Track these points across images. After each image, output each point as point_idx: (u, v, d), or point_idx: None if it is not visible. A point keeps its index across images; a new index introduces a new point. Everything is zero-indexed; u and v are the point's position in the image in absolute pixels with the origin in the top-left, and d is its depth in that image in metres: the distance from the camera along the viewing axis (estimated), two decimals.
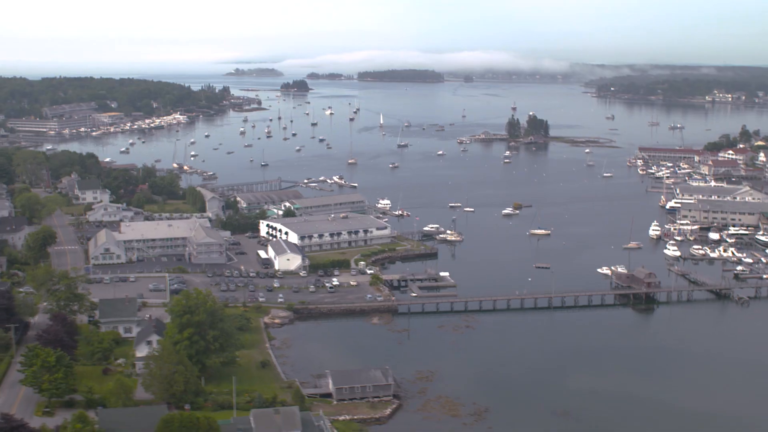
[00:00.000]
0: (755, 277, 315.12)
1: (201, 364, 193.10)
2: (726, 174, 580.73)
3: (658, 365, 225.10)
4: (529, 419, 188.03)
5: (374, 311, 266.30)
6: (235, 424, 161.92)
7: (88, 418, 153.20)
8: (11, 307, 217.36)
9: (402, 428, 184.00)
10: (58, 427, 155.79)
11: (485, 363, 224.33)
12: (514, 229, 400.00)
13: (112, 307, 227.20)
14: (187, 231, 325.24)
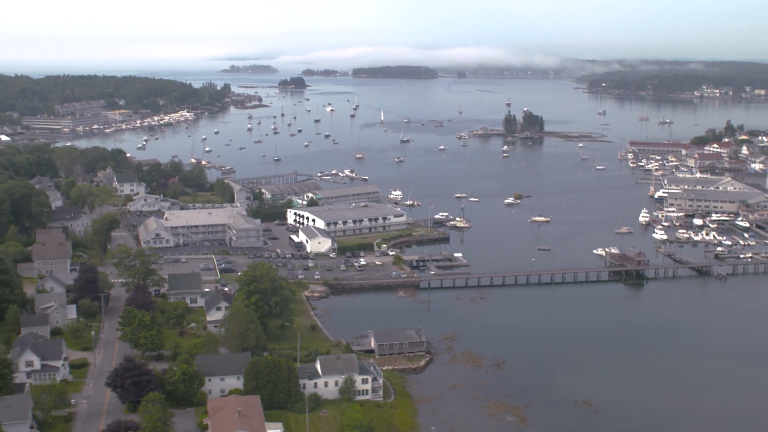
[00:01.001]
0: (733, 257, 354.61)
1: (264, 326, 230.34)
2: (711, 166, 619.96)
3: (647, 329, 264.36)
4: (539, 369, 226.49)
5: (399, 286, 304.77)
6: (305, 368, 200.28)
7: (192, 361, 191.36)
8: (95, 281, 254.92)
9: (435, 376, 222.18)
10: (164, 369, 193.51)
11: (499, 326, 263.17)
12: (516, 217, 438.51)
13: (179, 281, 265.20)
14: (226, 218, 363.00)
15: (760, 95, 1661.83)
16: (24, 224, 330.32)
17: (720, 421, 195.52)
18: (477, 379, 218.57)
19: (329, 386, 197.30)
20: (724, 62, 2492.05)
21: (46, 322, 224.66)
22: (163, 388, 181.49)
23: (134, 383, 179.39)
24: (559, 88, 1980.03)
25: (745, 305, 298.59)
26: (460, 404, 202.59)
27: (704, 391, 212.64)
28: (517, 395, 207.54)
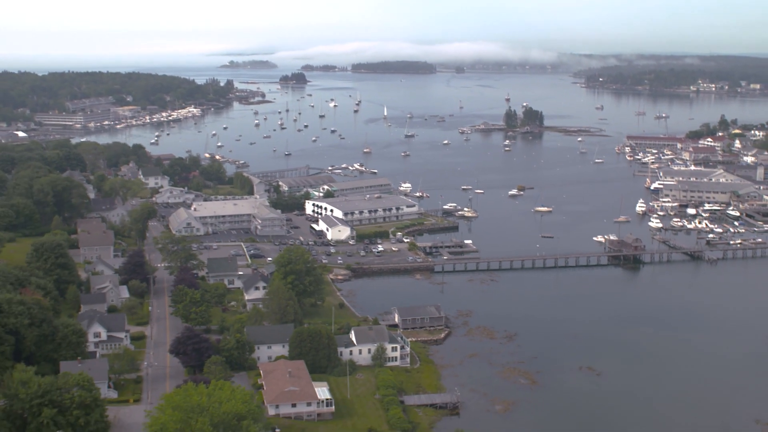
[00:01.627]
0: (723, 243, 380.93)
1: (299, 303, 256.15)
2: (705, 159, 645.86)
3: (643, 307, 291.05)
4: (546, 340, 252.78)
5: (415, 270, 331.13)
6: (341, 338, 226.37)
7: (243, 331, 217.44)
8: (143, 264, 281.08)
9: (454, 347, 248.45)
10: (218, 339, 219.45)
11: (509, 304, 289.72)
12: (520, 207, 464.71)
13: (217, 264, 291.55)
14: (251, 209, 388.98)
15: (755, 89, 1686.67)
16: (64, 215, 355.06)
17: (703, 381, 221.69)
18: (491, 349, 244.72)
19: (363, 354, 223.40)
20: (719, 56, 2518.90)
21: (104, 301, 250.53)
22: (218, 354, 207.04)
23: (195, 350, 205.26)
24: (556, 82, 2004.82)
25: (733, 286, 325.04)
26: (478, 369, 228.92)
27: (693, 358, 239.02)
28: (528, 362, 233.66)
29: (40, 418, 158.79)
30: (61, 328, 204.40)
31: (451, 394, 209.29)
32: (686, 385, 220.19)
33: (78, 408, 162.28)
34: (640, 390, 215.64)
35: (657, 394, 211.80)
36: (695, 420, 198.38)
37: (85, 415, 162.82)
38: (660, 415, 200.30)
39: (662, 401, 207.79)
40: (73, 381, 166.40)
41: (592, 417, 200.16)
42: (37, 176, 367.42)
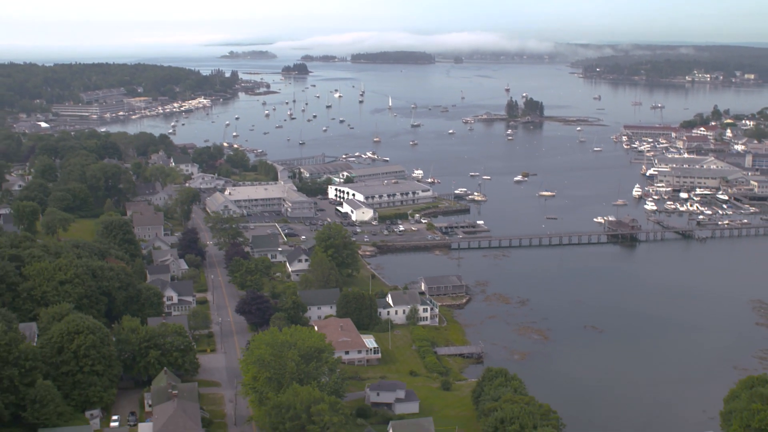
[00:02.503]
0: (712, 224, 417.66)
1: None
2: (698, 148, 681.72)
3: (638, 278, 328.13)
4: (555, 304, 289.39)
5: (434, 247, 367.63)
6: (379, 301, 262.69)
7: (297, 294, 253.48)
8: (196, 240, 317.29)
9: (474, 310, 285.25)
10: (276, 301, 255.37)
11: (520, 276, 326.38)
12: (526, 192, 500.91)
13: (261, 241, 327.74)
14: (281, 193, 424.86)
15: (750, 80, 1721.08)
16: (113, 198, 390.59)
17: (690, 335, 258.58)
18: (507, 312, 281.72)
19: (398, 314, 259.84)
20: (714, 46, 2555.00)
21: (167, 271, 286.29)
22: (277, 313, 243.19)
23: (258, 309, 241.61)
24: (554, 72, 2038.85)
25: (720, 261, 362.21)
26: (496, 328, 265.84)
27: (682, 318, 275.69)
28: (539, 322, 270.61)
29: (147, 358, 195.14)
30: (144, 291, 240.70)
31: (476, 346, 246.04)
32: (676, 338, 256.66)
33: (176, 351, 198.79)
34: (637, 342, 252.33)
35: (651, 346, 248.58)
36: (683, 362, 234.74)
37: (181, 356, 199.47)
38: (653, 360, 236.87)
39: (655, 350, 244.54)
40: (170, 329, 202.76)
41: (597, 363, 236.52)
42: (86, 163, 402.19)
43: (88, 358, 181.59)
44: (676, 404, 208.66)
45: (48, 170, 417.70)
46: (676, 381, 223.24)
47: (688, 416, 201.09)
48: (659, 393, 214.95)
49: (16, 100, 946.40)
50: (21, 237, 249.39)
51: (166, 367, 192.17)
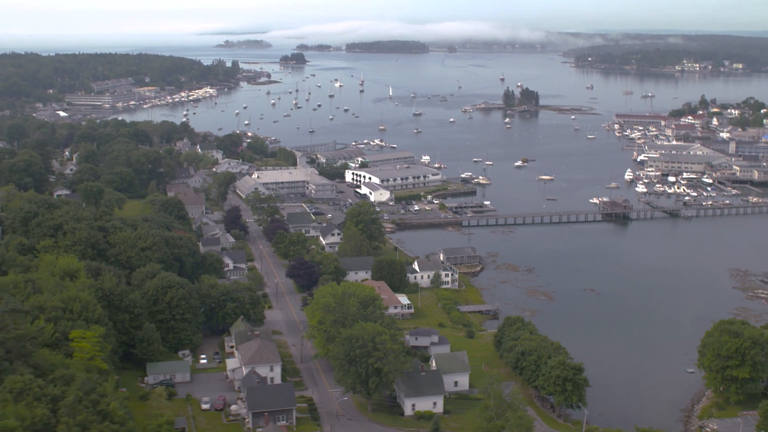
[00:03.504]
0: (697, 204, 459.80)
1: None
2: (685, 135, 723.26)
3: (630, 251, 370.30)
4: (558, 272, 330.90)
5: (447, 224, 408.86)
6: (407, 267, 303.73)
7: (338, 261, 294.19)
8: (239, 217, 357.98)
9: (488, 277, 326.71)
10: (320, 267, 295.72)
11: (526, 248, 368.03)
12: (526, 176, 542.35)
13: (296, 218, 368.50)
14: (304, 176, 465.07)
15: (738, 69, 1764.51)
16: (155, 181, 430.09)
17: (670, 290, 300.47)
18: (516, 278, 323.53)
19: (424, 278, 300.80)
20: (703, 35, 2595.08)
21: (218, 243, 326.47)
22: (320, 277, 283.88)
23: (306, 273, 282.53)
24: (546, 62, 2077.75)
25: (703, 237, 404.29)
26: (508, 291, 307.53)
27: (670, 282, 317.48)
28: (545, 286, 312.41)
29: (225, 309, 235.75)
30: (208, 257, 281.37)
31: (492, 304, 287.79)
32: (663, 298, 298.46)
33: (248, 303, 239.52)
34: (629, 302, 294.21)
35: (641, 305, 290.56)
36: (669, 318, 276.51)
37: (252, 308, 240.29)
38: (643, 316, 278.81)
39: (645, 309, 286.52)
40: (242, 286, 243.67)
41: (595, 318, 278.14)
42: (129, 150, 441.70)
43: (179, 308, 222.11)
44: (663, 348, 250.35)
45: (90, 156, 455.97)
46: (663, 331, 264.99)
47: (672, 358, 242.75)
48: (649, 340, 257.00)
49: (31, 90, 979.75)
50: (101, 212, 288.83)
51: (242, 316, 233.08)
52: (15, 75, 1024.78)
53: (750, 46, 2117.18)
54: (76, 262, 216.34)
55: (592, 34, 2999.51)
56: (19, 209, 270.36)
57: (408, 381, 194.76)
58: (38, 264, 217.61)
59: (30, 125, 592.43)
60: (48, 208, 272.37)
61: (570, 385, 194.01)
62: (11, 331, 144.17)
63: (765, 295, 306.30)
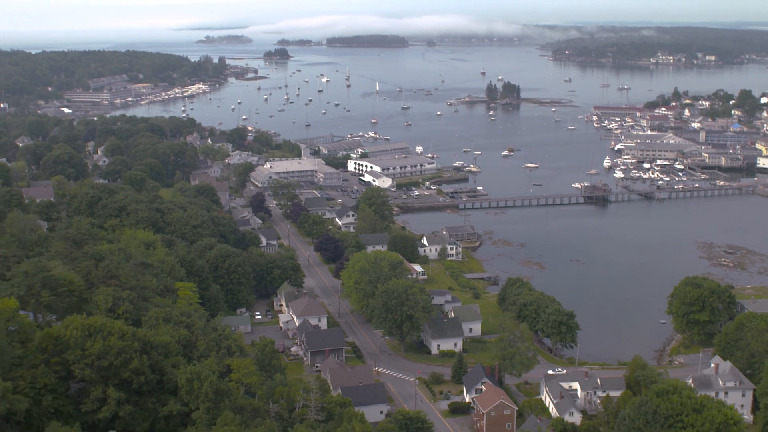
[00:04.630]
0: (669, 188, 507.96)
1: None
2: (659, 126, 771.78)
3: (609, 228, 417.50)
4: (547, 245, 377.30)
5: (445, 207, 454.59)
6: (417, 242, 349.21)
7: (359, 237, 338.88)
8: (263, 201, 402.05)
9: (486, 251, 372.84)
10: (341, 242, 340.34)
11: (517, 227, 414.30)
12: (513, 164, 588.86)
13: (313, 201, 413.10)
14: (312, 166, 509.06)
15: (711, 61, 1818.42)
16: (179, 171, 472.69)
17: (645, 260, 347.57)
18: (511, 252, 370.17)
19: (432, 251, 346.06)
20: (677, 27, 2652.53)
21: (248, 224, 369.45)
22: (344, 250, 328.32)
23: (332, 247, 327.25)
24: (525, 55, 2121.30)
25: (674, 216, 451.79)
26: (504, 262, 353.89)
27: (644, 253, 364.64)
28: (537, 257, 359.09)
29: (272, 274, 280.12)
30: (247, 234, 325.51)
31: (492, 273, 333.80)
32: (639, 266, 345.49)
33: (291, 270, 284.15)
34: (610, 269, 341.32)
35: (620, 272, 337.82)
36: (644, 281, 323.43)
37: (294, 274, 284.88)
38: (622, 279, 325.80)
39: (623, 274, 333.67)
40: (285, 255, 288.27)
41: (581, 283, 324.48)
42: (153, 143, 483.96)
43: (236, 273, 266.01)
44: (639, 305, 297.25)
45: (116, 149, 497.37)
46: (639, 292, 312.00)
47: (647, 312, 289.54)
48: (627, 299, 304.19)
49: (32, 88, 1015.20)
50: (152, 196, 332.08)
51: (288, 279, 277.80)
52: (16, 73, 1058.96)
53: (723, 38, 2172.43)
54: (152, 235, 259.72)
55: (568, 26, 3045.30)
56: (85, 194, 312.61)
57: (433, 326, 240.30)
58: (119, 237, 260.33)
59: (48, 122, 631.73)
60: (109, 193, 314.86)
61: (564, 328, 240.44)
62: (141, 279, 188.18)
63: (726, 262, 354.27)
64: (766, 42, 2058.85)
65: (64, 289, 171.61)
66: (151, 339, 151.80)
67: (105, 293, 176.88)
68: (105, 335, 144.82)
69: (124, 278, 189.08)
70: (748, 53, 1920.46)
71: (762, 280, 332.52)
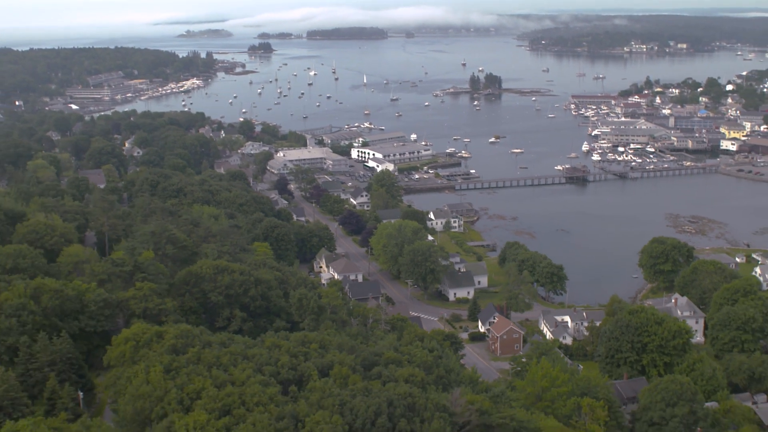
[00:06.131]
0: (641, 169, 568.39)
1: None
2: (632, 113, 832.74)
3: (588, 203, 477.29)
4: (536, 218, 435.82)
5: (443, 188, 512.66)
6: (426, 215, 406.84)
7: (376, 212, 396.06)
8: (286, 184, 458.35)
9: (483, 224, 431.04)
10: (361, 216, 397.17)
11: (508, 203, 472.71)
12: (500, 150, 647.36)
13: (329, 184, 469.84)
14: (320, 154, 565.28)
15: (682, 49, 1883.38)
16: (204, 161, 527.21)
17: (621, 229, 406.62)
18: (505, 224, 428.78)
19: (438, 224, 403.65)
20: (649, 16, 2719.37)
21: (276, 204, 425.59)
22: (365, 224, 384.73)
23: (354, 221, 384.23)
24: (502, 45, 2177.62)
25: (646, 193, 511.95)
26: (500, 232, 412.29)
27: (618, 225, 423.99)
28: (528, 228, 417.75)
29: (311, 242, 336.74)
30: (282, 211, 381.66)
31: (490, 241, 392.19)
32: (616, 233, 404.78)
33: (326, 238, 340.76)
34: (591, 237, 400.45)
35: (599, 239, 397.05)
36: (620, 244, 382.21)
37: (329, 242, 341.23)
38: (602, 244, 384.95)
39: (602, 241, 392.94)
40: (320, 226, 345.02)
41: (567, 248, 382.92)
42: (180, 135, 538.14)
43: (283, 240, 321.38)
44: (615, 263, 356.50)
45: (144, 141, 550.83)
46: (615, 253, 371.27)
47: (622, 266, 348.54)
48: (605, 259, 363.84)
49: (36, 86, 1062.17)
50: (200, 179, 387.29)
51: (325, 246, 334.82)
52: (19, 72, 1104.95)
53: (694, 26, 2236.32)
54: (215, 209, 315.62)
55: (542, 16, 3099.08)
56: (144, 178, 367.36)
57: (450, 278, 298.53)
58: (189, 211, 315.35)
59: (71, 118, 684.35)
60: (164, 177, 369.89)
61: (555, 278, 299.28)
62: (233, 239, 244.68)
63: (689, 229, 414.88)
64: (735, 29, 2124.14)
65: (181, 244, 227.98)
66: (259, 276, 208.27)
67: (211, 247, 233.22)
68: (229, 272, 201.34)
69: (219, 237, 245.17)
70: (718, 40, 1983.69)
71: (719, 242, 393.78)
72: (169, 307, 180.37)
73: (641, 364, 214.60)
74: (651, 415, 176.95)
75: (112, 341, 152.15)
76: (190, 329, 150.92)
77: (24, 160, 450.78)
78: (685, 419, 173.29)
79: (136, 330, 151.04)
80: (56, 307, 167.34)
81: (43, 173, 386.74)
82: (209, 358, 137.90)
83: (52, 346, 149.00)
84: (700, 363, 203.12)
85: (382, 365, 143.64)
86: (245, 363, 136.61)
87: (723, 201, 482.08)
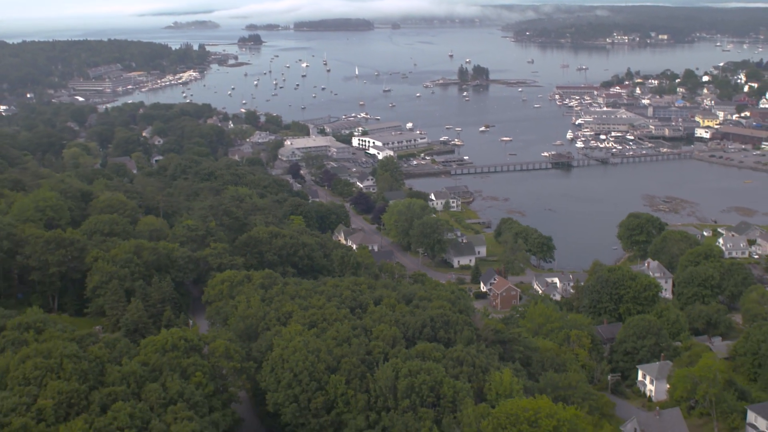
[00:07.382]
0: (622, 155, 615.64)
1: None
2: (614, 103, 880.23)
3: (573, 187, 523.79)
4: (526, 200, 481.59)
5: (440, 173, 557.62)
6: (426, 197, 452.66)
7: (384, 194, 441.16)
8: (299, 170, 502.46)
9: (479, 204, 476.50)
10: (370, 200, 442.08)
11: (501, 186, 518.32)
12: (490, 138, 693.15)
13: (337, 169, 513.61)
14: (325, 142, 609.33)
15: (663, 40, 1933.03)
16: (219, 148, 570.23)
17: (602, 208, 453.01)
18: (498, 205, 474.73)
19: (439, 204, 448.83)
20: (629, 7, 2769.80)
21: (291, 187, 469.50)
22: (374, 204, 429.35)
23: (364, 201, 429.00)
24: (487, 36, 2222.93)
25: (626, 177, 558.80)
26: (494, 211, 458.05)
27: (599, 204, 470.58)
28: (518, 208, 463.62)
29: (330, 218, 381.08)
30: (300, 192, 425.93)
31: (485, 219, 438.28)
32: (598, 212, 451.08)
33: (343, 215, 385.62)
34: (576, 216, 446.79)
35: (583, 217, 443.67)
36: (602, 221, 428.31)
37: (345, 218, 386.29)
38: (586, 222, 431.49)
39: (586, 219, 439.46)
40: (336, 205, 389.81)
41: (554, 225, 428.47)
42: (196, 125, 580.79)
43: (306, 217, 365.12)
44: (597, 237, 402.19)
45: (161, 131, 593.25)
46: (597, 228, 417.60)
47: (603, 240, 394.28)
48: (588, 233, 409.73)
49: (40, 78, 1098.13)
50: (225, 164, 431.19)
51: (342, 222, 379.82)
52: (22, 65, 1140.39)
53: (674, 17, 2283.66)
54: (248, 190, 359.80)
55: (525, 7, 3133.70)
56: (178, 164, 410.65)
57: (455, 247, 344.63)
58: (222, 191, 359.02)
59: (85, 109, 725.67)
60: (195, 163, 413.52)
61: (545, 248, 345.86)
62: (275, 212, 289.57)
63: (663, 208, 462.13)
64: (715, 20, 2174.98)
65: (235, 216, 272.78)
66: (303, 240, 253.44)
67: (259, 218, 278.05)
68: (281, 237, 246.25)
69: (264, 210, 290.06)
70: (698, 31, 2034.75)
71: (689, 219, 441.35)
72: (239, 262, 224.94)
73: (618, 313, 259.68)
74: (625, 347, 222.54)
75: (208, 284, 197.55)
76: (272, 272, 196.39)
77: (56, 148, 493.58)
78: (651, 349, 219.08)
79: (228, 275, 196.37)
80: (153, 261, 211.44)
81: (84, 160, 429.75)
82: (291, 291, 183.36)
83: (162, 288, 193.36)
84: (667, 310, 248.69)
85: (417, 300, 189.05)
86: (317, 296, 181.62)
87: (695, 183, 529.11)
